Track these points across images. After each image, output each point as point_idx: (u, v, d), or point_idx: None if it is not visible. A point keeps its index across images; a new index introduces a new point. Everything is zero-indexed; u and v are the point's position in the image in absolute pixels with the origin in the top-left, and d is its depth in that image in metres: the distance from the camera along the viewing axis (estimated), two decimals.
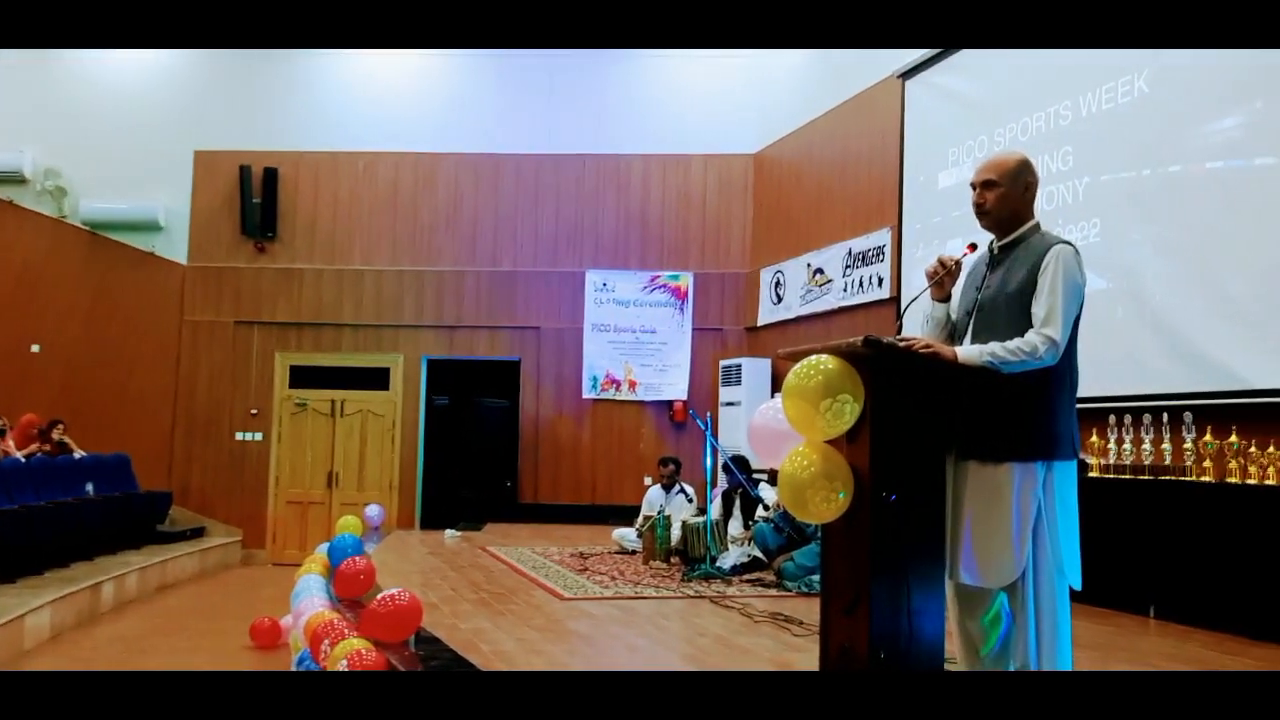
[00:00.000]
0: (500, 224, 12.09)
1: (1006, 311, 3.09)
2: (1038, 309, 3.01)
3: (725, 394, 11.22)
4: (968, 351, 3.01)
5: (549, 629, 5.05)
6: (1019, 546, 2.98)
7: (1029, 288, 3.05)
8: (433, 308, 11.93)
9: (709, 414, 8.50)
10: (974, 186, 3.20)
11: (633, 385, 11.85)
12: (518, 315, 11.99)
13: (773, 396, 10.88)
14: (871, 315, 9.39)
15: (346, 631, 4.52)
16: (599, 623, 5.26)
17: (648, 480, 11.55)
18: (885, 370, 2.99)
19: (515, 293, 12.00)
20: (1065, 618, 3.02)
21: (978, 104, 8.12)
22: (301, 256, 11.95)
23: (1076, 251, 3.08)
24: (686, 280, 11.92)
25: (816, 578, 6.34)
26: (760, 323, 11.45)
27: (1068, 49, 6.97)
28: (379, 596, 4.49)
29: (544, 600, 5.93)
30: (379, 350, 11.86)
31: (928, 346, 2.98)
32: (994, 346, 2.98)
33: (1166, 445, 5.70)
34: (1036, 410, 3.02)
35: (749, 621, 5.28)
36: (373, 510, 10.01)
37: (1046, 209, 7.26)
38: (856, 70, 9.86)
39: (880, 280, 9.26)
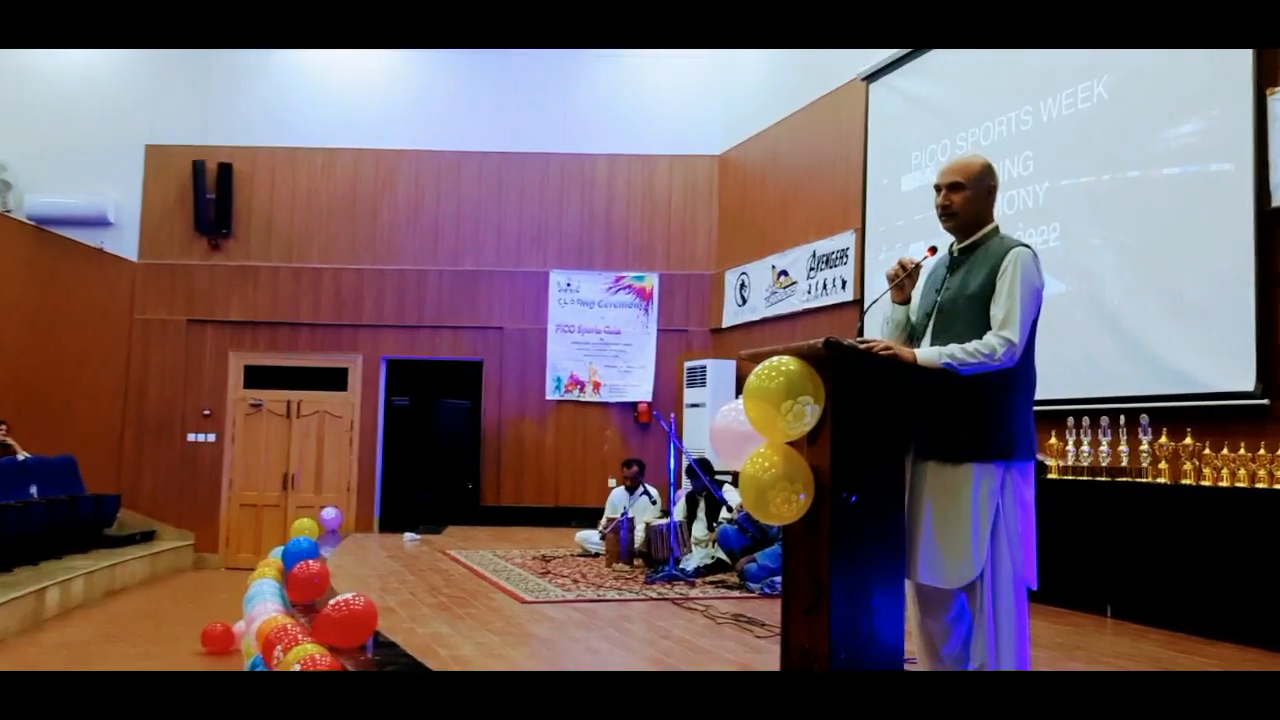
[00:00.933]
0: (463, 222, 11.98)
1: (966, 313, 3.08)
2: (996, 311, 3.01)
3: (690, 395, 11.19)
4: (927, 353, 3.00)
5: (509, 633, 4.98)
6: (977, 547, 2.96)
7: (988, 290, 3.05)
8: (393, 307, 11.79)
9: (673, 416, 8.44)
10: (939, 189, 3.19)
11: (597, 386, 11.79)
12: (480, 315, 11.88)
13: (737, 398, 10.93)
14: (835, 317, 9.41)
15: (300, 636, 4.41)
16: (560, 626, 5.19)
17: (611, 482, 11.49)
18: (845, 372, 2.96)
19: (478, 292, 11.90)
20: (1024, 618, 3.01)
21: (941, 108, 8.15)
22: (257, 254, 11.77)
23: (1035, 255, 3.08)
24: (651, 281, 11.88)
25: (779, 578, 6.31)
26: (725, 324, 11.44)
27: (1031, 48, 7.03)
28: (333, 601, 4.40)
29: (504, 604, 5.85)
30: (337, 350, 11.71)
31: (887, 348, 2.97)
32: (952, 348, 2.97)
33: (1124, 447, 5.74)
34: (995, 411, 3.01)
35: (712, 624, 5.24)
36: (329, 513, 9.86)
37: (1007, 213, 7.31)
38: (821, 73, 9.88)
39: (844, 282, 9.27)
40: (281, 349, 11.66)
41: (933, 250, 3.23)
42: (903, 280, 3.21)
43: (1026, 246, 3.07)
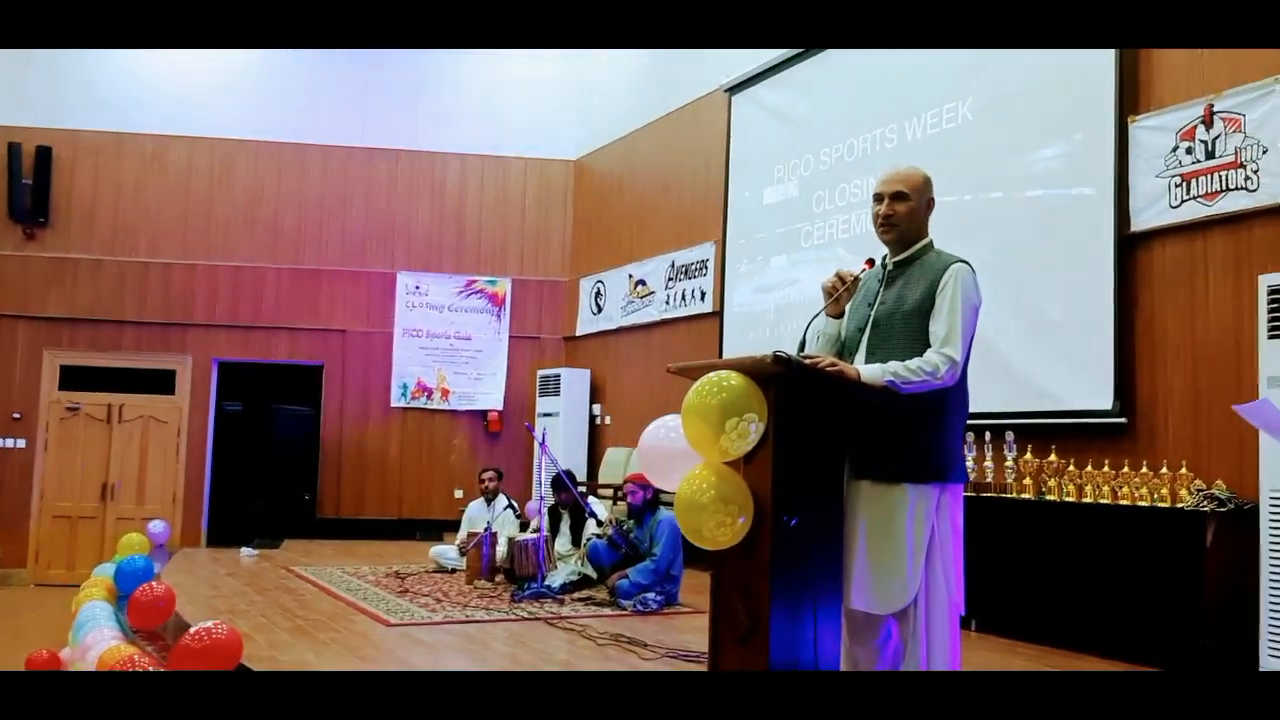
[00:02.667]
0: (305, 219, 11.35)
1: (904, 328, 3.03)
2: (937, 328, 2.97)
3: (543, 404, 10.97)
4: (870, 370, 2.92)
5: (382, 659, 4.65)
6: (912, 571, 2.91)
7: (927, 305, 3.01)
8: (227, 306, 11.03)
9: (545, 428, 8.21)
10: (880, 198, 3.12)
11: (445, 394, 11.39)
12: (321, 317, 11.27)
13: (592, 408, 10.80)
14: (694, 328, 9.41)
15: (153, 670, 3.96)
16: (435, 651, 4.89)
17: (459, 493, 11.14)
18: (789, 388, 2.86)
19: (319, 293, 11.29)
20: (957, 643, 2.97)
21: (804, 122, 8.27)
22: (78, 245, 10.77)
23: (973, 270, 3.05)
24: (504, 286, 11.58)
25: (651, 595, 6.21)
26: (580, 332, 11.28)
27: (904, 49, 7.16)
28: (193, 630, 3.98)
29: (368, 627, 5.48)
30: (164, 351, 10.84)
31: (833, 364, 2.88)
32: (895, 366, 2.91)
33: (989, 463, 5.92)
34: (932, 432, 2.97)
35: (593, 645, 5.06)
36: (157, 526, 9.09)
37: (870, 230, 7.43)
38: (682, 82, 9.88)
39: (703, 294, 9.28)
40: (103, 349, 10.69)
41: (870, 263, 3.18)
42: (841, 293, 3.14)
43: (965, 262, 3.04)
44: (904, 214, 3.07)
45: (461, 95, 11.72)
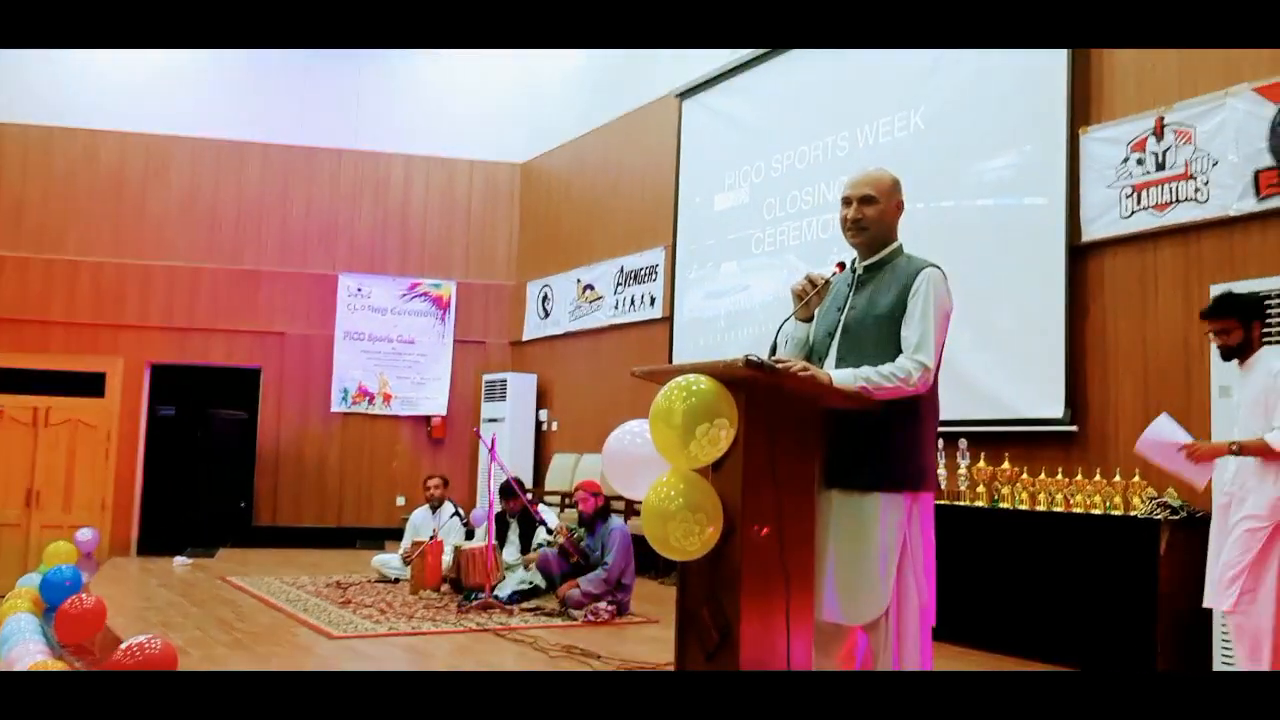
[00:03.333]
0: (243, 218, 11.05)
1: (875, 333, 2.96)
2: (909, 334, 2.91)
3: (488, 410, 10.79)
4: (842, 375, 2.84)
5: None
6: (885, 581, 2.84)
7: (898, 310, 2.94)
8: (161, 307, 10.68)
9: (494, 434, 8.06)
10: (848, 201, 3.04)
11: (387, 399, 11.16)
12: (260, 319, 10.98)
13: (539, 413, 10.66)
14: (644, 334, 9.33)
15: None
16: (382, 665, 4.72)
17: (401, 500, 10.92)
18: (760, 393, 2.78)
19: (258, 294, 11.00)
20: (929, 654, 2.91)
21: (756, 129, 8.24)
22: (4, 242, 10.35)
23: (945, 275, 3.00)
24: (449, 289, 11.39)
25: (603, 604, 6.09)
26: (526, 337, 11.14)
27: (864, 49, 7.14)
28: (125, 645, 3.77)
29: (310, 640, 5.29)
30: (94, 352, 10.44)
31: (805, 369, 2.79)
32: (867, 371, 2.84)
33: (942, 471, 5.92)
34: (905, 439, 2.91)
35: (545, 656, 4.94)
36: (85, 534, 8.75)
37: (822, 236, 7.46)
38: (632, 86, 9.81)
39: (653, 299, 9.20)
40: (29, 349, 10.25)
41: (841, 266, 3.10)
42: (811, 297, 3.06)
43: (936, 266, 2.99)
44: (873, 217, 2.99)
45: (406, 95, 11.53)
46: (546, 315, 10.81)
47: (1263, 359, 3.93)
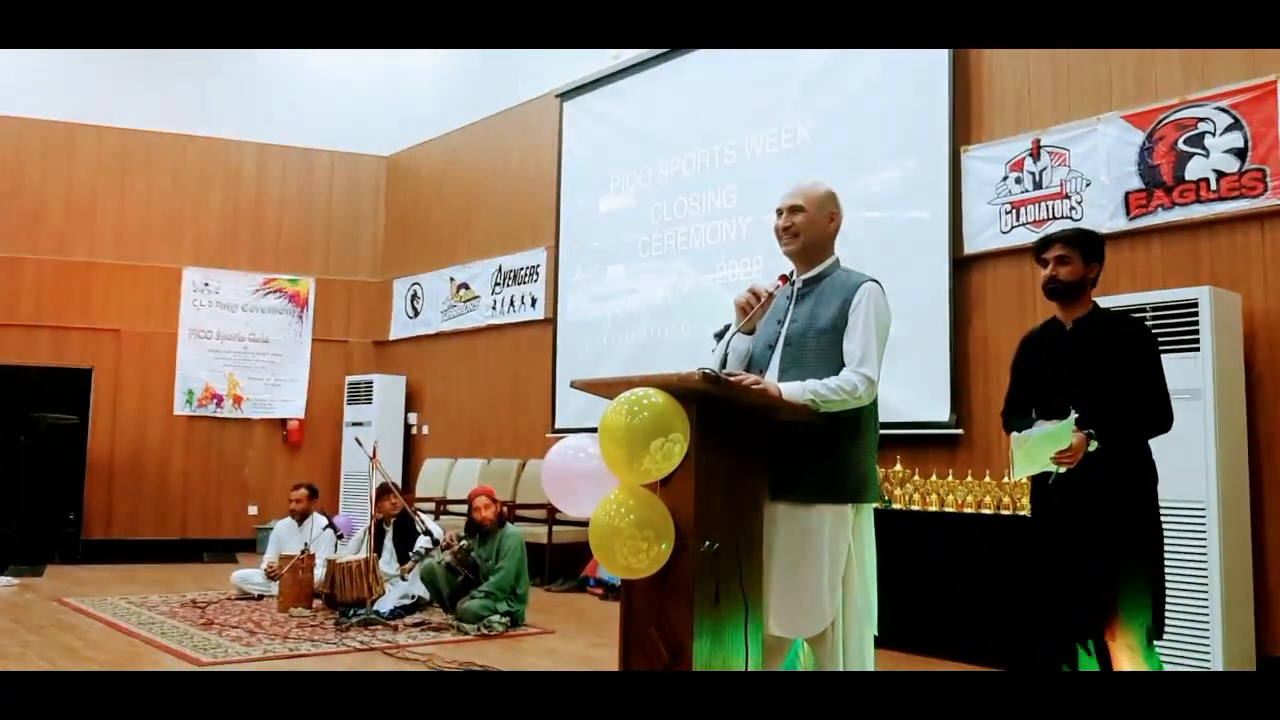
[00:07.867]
0: (74, 206, 10.21)
1: (816, 346, 2.95)
2: (852, 347, 2.90)
3: (352, 413, 10.34)
4: (791, 388, 2.81)
5: None
6: (830, 594, 2.82)
7: (840, 324, 2.94)
8: None
9: (375, 441, 7.69)
10: (779, 212, 3.07)
11: (238, 401, 10.54)
12: (93, 315, 10.16)
13: (408, 416, 10.28)
14: (525, 335, 9.13)
15: None
16: None
17: (254, 509, 10.34)
18: (712, 407, 2.70)
19: (90, 288, 10.17)
20: (871, 668, 2.90)
21: (642, 134, 8.18)
22: None
23: (883, 289, 3.03)
24: (307, 285, 10.86)
25: (496, 618, 5.88)
26: (393, 336, 10.74)
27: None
28: None
29: (176, 668, 4.88)
30: None
31: (757, 383, 2.74)
32: (814, 384, 2.81)
33: None
34: (848, 451, 2.90)
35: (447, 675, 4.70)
36: None
37: (710, 243, 7.46)
38: (508, 83, 9.60)
39: (534, 300, 9.02)
40: None
41: (784, 279, 3.08)
42: (755, 310, 3.02)
43: (875, 281, 3.02)
44: (801, 224, 3.01)
45: (260, 79, 10.91)
46: (416, 314, 10.45)
47: None
